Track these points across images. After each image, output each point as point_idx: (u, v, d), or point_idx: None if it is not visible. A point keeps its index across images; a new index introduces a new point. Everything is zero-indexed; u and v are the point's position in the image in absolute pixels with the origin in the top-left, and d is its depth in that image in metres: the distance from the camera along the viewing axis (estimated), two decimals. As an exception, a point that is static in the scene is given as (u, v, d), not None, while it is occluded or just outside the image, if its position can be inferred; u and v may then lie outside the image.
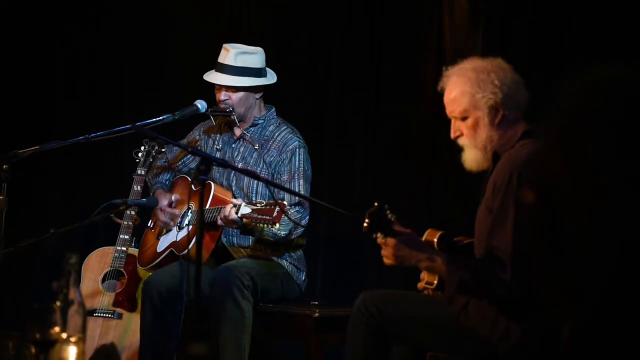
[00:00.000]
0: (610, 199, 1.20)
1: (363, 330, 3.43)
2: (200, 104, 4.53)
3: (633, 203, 1.19)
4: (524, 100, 3.34)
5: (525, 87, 3.36)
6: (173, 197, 4.59)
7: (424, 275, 3.46)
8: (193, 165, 4.74)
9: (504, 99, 3.29)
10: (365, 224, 3.23)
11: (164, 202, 4.59)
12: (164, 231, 4.67)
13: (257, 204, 4.16)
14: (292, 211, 4.40)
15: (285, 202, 4.22)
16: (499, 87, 3.29)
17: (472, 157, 3.37)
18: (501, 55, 4.82)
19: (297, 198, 4.43)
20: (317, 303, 4.57)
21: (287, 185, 4.44)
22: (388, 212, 3.25)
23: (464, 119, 3.35)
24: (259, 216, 4.11)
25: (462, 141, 3.38)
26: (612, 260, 1.20)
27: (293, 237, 4.50)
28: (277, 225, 4.11)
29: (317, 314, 4.39)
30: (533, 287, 1.29)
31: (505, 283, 3.11)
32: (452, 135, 3.40)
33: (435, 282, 3.39)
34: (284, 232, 4.41)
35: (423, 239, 3.40)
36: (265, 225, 4.15)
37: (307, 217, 4.49)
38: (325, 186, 5.22)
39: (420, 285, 3.46)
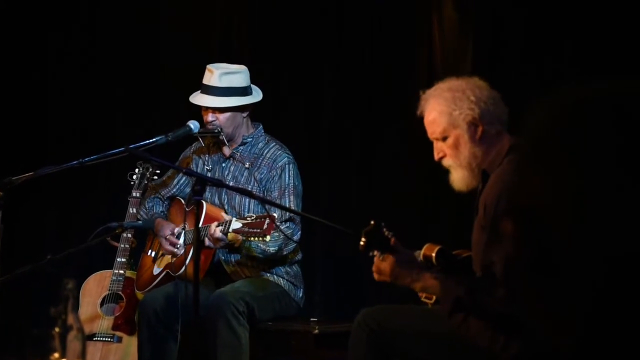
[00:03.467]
0: (593, 214, 1.21)
1: (364, 346, 3.43)
2: (193, 125, 4.53)
3: (617, 216, 1.19)
4: (503, 115, 3.36)
5: (503, 102, 3.38)
6: (176, 230, 4.58)
7: (423, 291, 3.46)
8: (188, 189, 4.73)
9: (481, 114, 3.31)
10: (361, 243, 3.22)
11: (166, 231, 4.58)
12: (160, 254, 4.67)
13: (248, 218, 4.17)
14: (283, 227, 4.41)
15: (275, 215, 4.22)
16: (475, 103, 3.31)
17: (459, 177, 3.37)
18: (491, 66, 4.89)
19: (287, 214, 4.44)
20: (316, 319, 4.56)
21: (277, 202, 4.45)
22: (385, 230, 3.25)
23: (444, 139, 3.37)
24: (250, 230, 4.11)
25: (446, 162, 3.39)
26: (601, 275, 1.20)
27: (284, 253, 4.50)
28: (268, 237, 4.11)
29: (316, 331, 4.38)
30: (524, 308, 1.29)
31: (499, 302, 3.12)
32: (436, 157, 3.41)
33: (434, 296, 3.39)
34: (274, 249, 4.41)
35: (421, 253, 3.40)
36: (256, 238, 4.15)
37: (299, 232, 4.50)
38: (324, 201, 5.22)
39: (422, 296, 3.46)
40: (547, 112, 1.29)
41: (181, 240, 4.55)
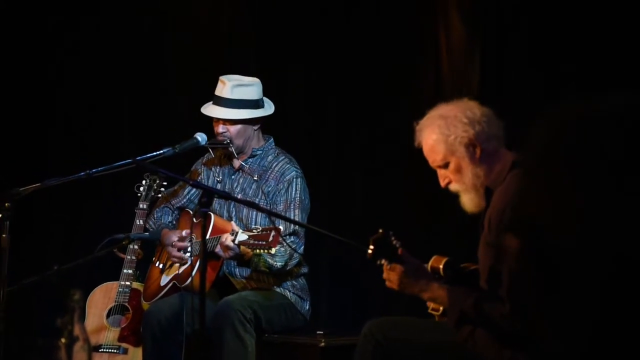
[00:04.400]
0: (595, 227, 1.21)
1: (370, 358, 3.42)
2: (201, 137, 4.54)
3: (618, 229, 1.20)
4: (499, 130, 3.37)
5: (496, 118, 3.38)
6: (184, 233, 4.58)
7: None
8: None
9: (476, 134, 3.32)
10: (369, 251, 3.23)
11: (173, 237, 4.58)
12: (168, 265, 4.67)
13: (254, 230, 4.17)
14: (288, 241, 4.40)
15: (281, 227, 4.22)
16: (469, 124, 3.32)
17: (468, 200, 3.38)
18: (498, 78, 4.89)
19: (292, 228, 4.43)
20: (322, 332, 4.56)
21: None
22: (393, 238, 3.26)
23: (446, 165, 3.37)
24: (256, 242, 4.12)
25: (453, 187, 3.40)
26: (603, 287, 1.20)
27: (288, 267, 4.50)
28: (273, 250, 4.11)
29: (323, 344, 4.37)
30: (530, 322, 1.30)
31: (504, 316, 3.11)
32: (442, 184, 3.42)
33: (442, 308, 3.39)
34: (280, 264, 4.42)
35: (429, 265, 3.41)
36: (261, 251, 4.16)
37: (302, 247, 4.51)
38: (325, 214, 5.21)
39: (429, 308, 3.46)
40: (549, 127, 1.29)
41: (188, 247, 4.55)
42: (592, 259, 1.20)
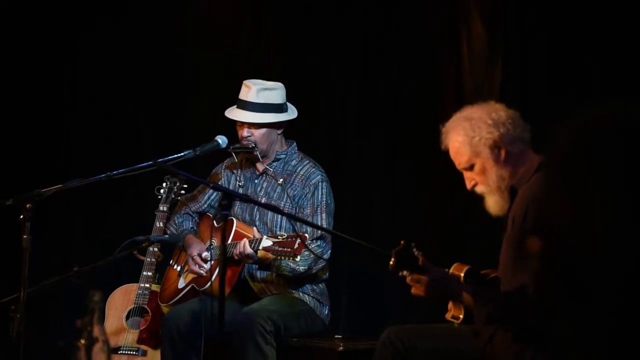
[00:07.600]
0: (616, 232, 1.20)
1: (390, 365, 3.42)
2: (221, 140, 4.54)
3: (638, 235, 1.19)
4: (524, 133, 3.37)
5: (522, 120, 3.39)
6: (204, 254, 4.56)
7: (451, 307, 3.44)
8: None
9: (501, 136, 3.33)
10: (391, 263, 3.23)
11: (194, 251, 4.58)
12: (186, 269, 4.67)
13: (279, 237, 4.16)
14: (314, 245, 4.39)
15: (306, 235, 4.21)
16: (494, 126, 3.33)
17: (493, 203, 3.39)
18: (520, 85, 4.87)
19: (318, 232, 4.42)
20: (341, 337, 4.55)
21: (309, 219, 4.44)
22: (415, 250, 3.25)
23: (471, 167, 3.38)
24: (280, 249, 4.11)
25: (479, 189, 3.41)
26: (625, 293, 1.20)
27: (314, 271, 4.49)
28: (298, 257, 4.11)
29: (341, 348, 4.36)
30: (551, 323, 1.29)
31: (530, 317, 3.10)
32: (468, 187, 3.44)
33: (462, 316, 3.38)
34: (303, 268, 4.41)
35: (449, 273, 3.40)
36: (285, 258, 4.15)
37: (329, 251, 4.48)
38: (347, 219, 5.21)
39: (448, 315, 3.45)
40: (572, 133, 1.29)
41: (208, 258, 4.54)
42: (613, 264, 1.19)
